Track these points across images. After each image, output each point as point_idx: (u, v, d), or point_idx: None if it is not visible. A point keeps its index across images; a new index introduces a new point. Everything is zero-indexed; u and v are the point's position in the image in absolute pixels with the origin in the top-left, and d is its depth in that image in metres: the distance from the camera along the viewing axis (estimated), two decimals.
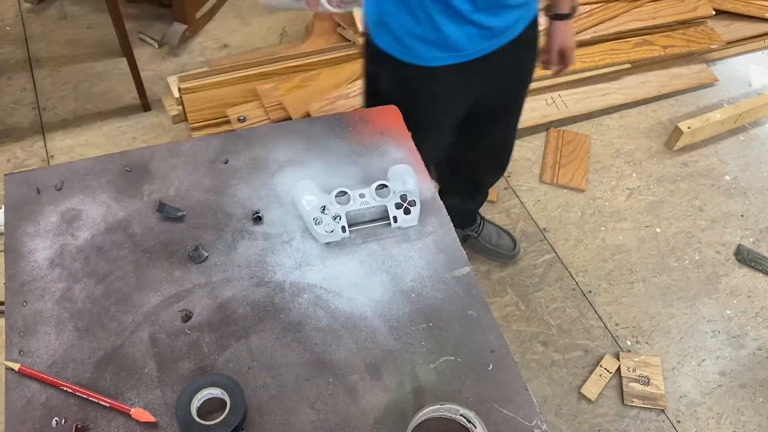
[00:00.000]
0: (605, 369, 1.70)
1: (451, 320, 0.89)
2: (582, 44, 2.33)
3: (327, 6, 0.94)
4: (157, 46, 2.45)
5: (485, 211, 2.05)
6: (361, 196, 0.95)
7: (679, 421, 1.66)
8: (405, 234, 0.97)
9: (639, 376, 1.69)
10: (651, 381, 1.68)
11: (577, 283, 1.91)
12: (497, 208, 2.07)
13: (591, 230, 2.04)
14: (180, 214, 0.96)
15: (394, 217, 0.95)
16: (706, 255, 2.01)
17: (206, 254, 0.92)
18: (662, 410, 1.66)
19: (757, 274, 1.97)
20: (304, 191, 0.97)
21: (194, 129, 2.03)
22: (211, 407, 0.79)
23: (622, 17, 2.39)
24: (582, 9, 2.32)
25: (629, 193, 2.15)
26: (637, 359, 1.72)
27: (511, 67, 1.27)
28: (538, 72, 1.37)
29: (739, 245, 2.02)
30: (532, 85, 2.29)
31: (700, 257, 2.00)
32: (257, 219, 0.96)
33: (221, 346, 0.84)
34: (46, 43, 2.44)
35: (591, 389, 1.67)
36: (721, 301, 1.90)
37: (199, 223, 0.96)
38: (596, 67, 2.31)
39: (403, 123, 1.11)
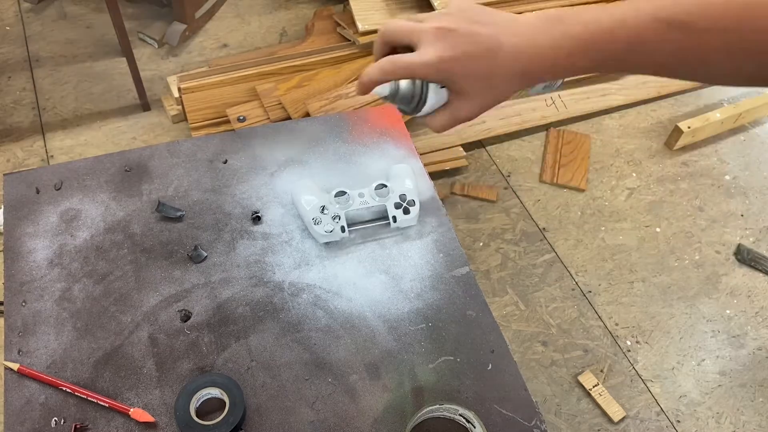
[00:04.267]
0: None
1: (451, 320, 0.89)
2: None
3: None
4: (156, 46, 2.45)
5: (484, 210, 2.05)
6: (361, 195, 0.95)
7: (678, 421, 1.66)
8: (404, 234, 0.97)
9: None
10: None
11: (576, 283, 1.91)
12: (497, 208, 2.06)
13: (591, 230, 2.04)
14: (179, 213, 0.96)
15: (394, 217, 0.95)
16: (706, 255, 2.00)
17: (205, 254, 0.92)
18: (661, 410, 1.66)
19: (757, 273, 1.97)
20: (303, 191, 0.97)
21: (194, 129, 2.03)
22: (210, 407, 0.79)
23: None
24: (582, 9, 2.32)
25: (629, 193, 2.15)
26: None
27: None
28: None
29: (739, 245, 2.02)
30: None
31: (700, 257, 2.00)
32: (256, 219, 0.96)
33: (220, 346, 0.84)
34: (46, 42, 2.44)
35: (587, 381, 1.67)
36: (721, 301, 1.90)
37: (198, 222, 0.96)
38: None
39: (403, 123, 1.11)
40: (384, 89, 0.59)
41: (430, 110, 0.60)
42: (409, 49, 0.57)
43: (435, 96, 0.58)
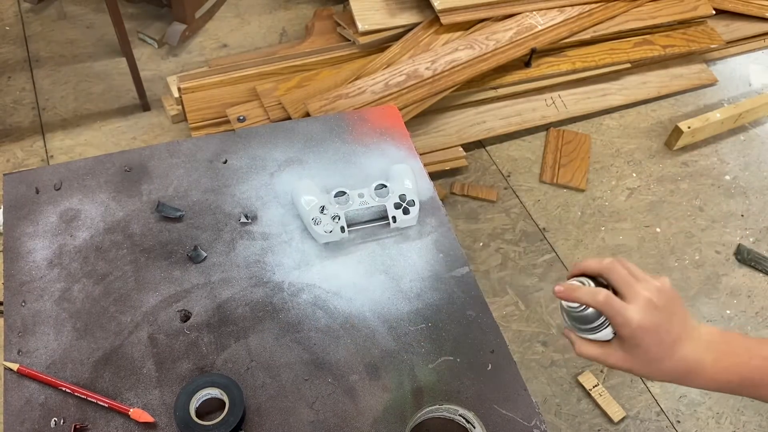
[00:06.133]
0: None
1: (451, 320, 0.89)
2: (582, 44, 2.33)
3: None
4: (156, 46, 2.45)
5: (484, 210, 2.05)
6: (360, 196, 0.95)
7: (678, 421, 1.66)
8: (404, 234, 0.97)
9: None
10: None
11: None
12: (497, 208, 2.06)
13: (591, 230, 2.04)
14: (179, 214, 0.96)
15: (393, 217, 0.95)
16: (706, 255, 2.00)
17: (205, 254, 0.92)
18: (661, 410, 1.66)
19: (757, 274, 1.97)
20: (303, 191, 0.96)
21: (194, 129, 2.02)
22: (209, 407, 0.79)
23: (622, 17, 2.38)
24: (582, 9, 2.32)
25: (629, 193, 2.15)
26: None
27: None
28: (538, 71, 1.35)
29: (739, 245, 2.02)
30: (532, 85, 2.31)
31: (700, 257, 2.00)
32: (245, 223, 0.96)
33: (220, 346, 0.84)
34: (46, 42, 2.43)
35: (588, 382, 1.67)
36: (721, 301, 1.90)
37: (197, 222, 0.96)
38: (596, 67, 2.30)
39: (403, 123, 1.11)
40: (575, 303, 0.65)
41: (590, 337, 0.65)
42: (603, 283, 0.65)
43: (609, 334, 0.64)
